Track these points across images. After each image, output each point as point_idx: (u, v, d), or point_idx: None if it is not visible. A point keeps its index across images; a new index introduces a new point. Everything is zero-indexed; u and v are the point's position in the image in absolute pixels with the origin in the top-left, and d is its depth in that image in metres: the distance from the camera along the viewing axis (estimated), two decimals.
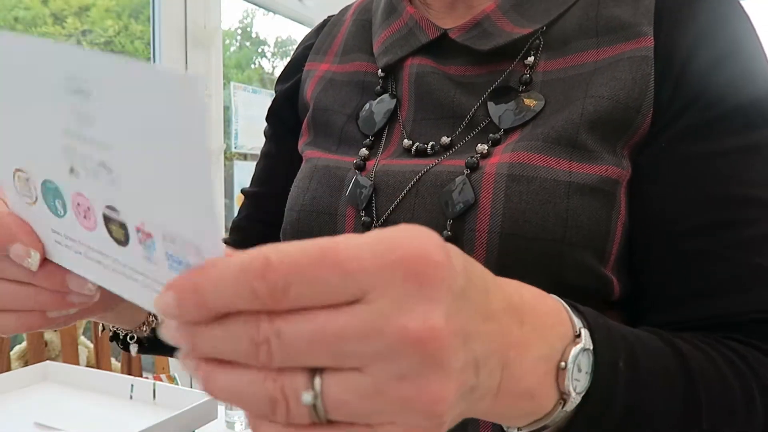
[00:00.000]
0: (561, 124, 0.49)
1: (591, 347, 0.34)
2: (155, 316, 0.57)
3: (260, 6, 1.98)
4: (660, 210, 0.49)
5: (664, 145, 0.49)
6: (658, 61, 0.49)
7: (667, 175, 0.48)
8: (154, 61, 1.64)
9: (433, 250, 0.24)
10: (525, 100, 0.52)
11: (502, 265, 0.47)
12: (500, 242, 0.47)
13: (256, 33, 2.30)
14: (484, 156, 0.50)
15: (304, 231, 0.57)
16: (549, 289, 0.47)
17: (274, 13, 2.04)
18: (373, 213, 0.52)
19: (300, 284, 0.23)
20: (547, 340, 0.31)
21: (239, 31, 2.23)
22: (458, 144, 0.53)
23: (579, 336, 0.33)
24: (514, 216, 0.46)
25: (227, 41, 2.07)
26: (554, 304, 0.34)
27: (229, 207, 1.83)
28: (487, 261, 0.47)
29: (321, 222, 0.56)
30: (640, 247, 0.50)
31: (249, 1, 1.90)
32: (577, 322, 0.34)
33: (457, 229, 0.48)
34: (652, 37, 0.49)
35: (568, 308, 0.35)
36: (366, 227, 0.52)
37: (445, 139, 0.53)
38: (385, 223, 0.52)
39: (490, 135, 0.52)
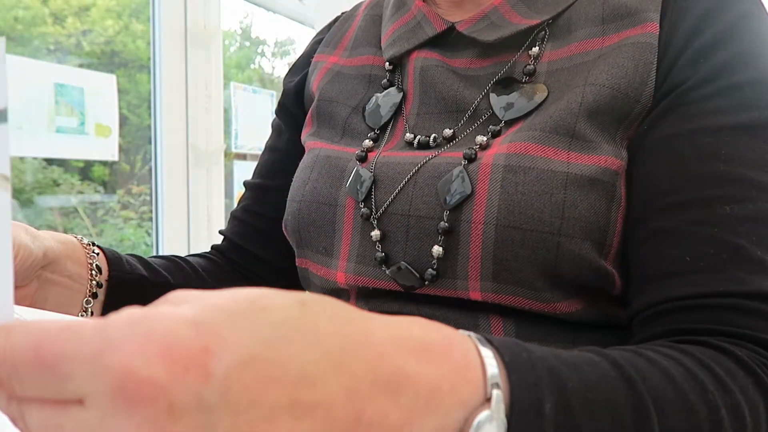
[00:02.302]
0: (559, 113, 0.48)
1: (502, 414, 0.27)
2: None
3: (260, 6, 1.98)
4: (641, 190, 0.47)
5: (647, 127, 0.47)
6: (661, 50, 0.47)
7: (650, 154, 0.47)
8: (154, 61, 1.64)
9: (145, 362, 0.21)
10: (527, 91, 0.51)
11: (498, 257, 0.46)
12: (496, 233, 0.46)
13: (256, 33, 2.31)
14: (483, 147, 0.50)
15: (305, 222, 0.57)
16: (546, 283, 0.47)
17: (274, 12, 2.04)
18: (372, 204, 0.52)
19: (21, 380, 0.22)
20: (438, 411, 0.25)
21: (239, 31, 2.23)
22: (460, 136, 0.53)
23: (490, 399, 0.27)
24: (510, 207, 0.46)
25: (227, 41, 2.07)
26: (459, 360, 0.27)
27: (228, 207, 1.83)
28: (483, 252, 0.47)
29: (321, 212, 0.56)
30: (627, 229, 0.48)
31: (249, 1, 1.91)
32: (492, 377, 0.27)
33: (453, 220, 0.48)
34: (658, 24, 0.48)
35: (483, 355, 0.28)
36: (365, 219, 0.53)
37: (447, 131, 0.53)
38: (384, 215, 0.52)
39: (490, 126, 0.51)
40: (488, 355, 0.28)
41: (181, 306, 0.23)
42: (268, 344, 0.22)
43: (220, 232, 0.73)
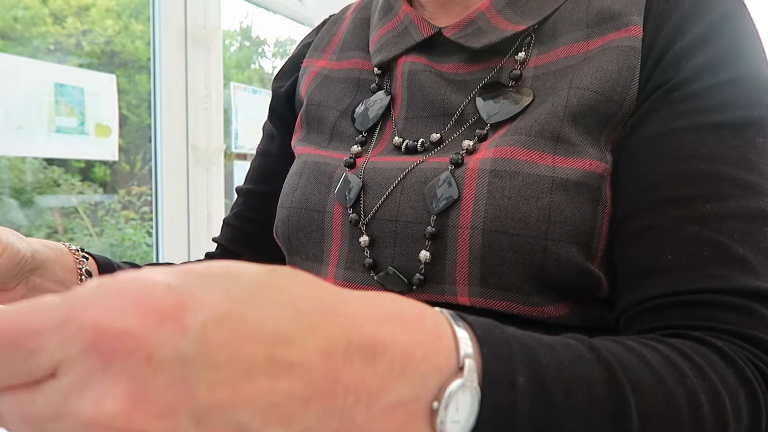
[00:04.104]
0: (545, 117, 0.48)
1: (475, 383, 0.27)
2: None
3: (260, 6, 1.98)
4: (624, 189, 0.47)
5: (630, 129, 0.47)
6: (645, 53, 0.47)
7: (633, 153, 0.46)
8: (154, 61, 1.64)
9: (118, 315, 0.20)
10: (513, 95, 0.51)
11: (485, 262, 0.46)
12: (483, 238, 0.46)
13: (256, 33, 2.31)
14: (470, 152, 0.50)
15: (294, 228, 0.57)
16: (534, 287, 0.47)
17: (274, 13, 2.04)
18: (360, 210, 0.52)
19: None
20: (413, 378, 0.25)
21: (239, 31, 2.23)
22: (447, 140, 0.53)
23: (463, 369, 0.27)
24: (496, 212, 0.46)
25: (227, 41, 2.07)
26: (431, 330, 0.27)
27: (228, 207, 1.83)
28: (470, 257, 0.47)
29: (310, 219, 0.56)
30: (612, 229, 0.48)
31: (249, 1, 1.91)
32: (464, 348, 0.27)
33: (440, 224, 0.48)
34: (641, 27, 0.48)
35: (456, 329, 0.28)
36: (353, 224, 0.53)
37: (434, 136, 0.53)
38: (372, 220, 0.52)
39: (477, 131, 0.51)
40: (460, 330, 0.28)
41: (152, 273, 0.22)
42: (242, 302, 0.22)
43: (214, 240, 0.73)
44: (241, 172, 1.92)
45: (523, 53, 0.53)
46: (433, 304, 0.50)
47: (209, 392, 0.20)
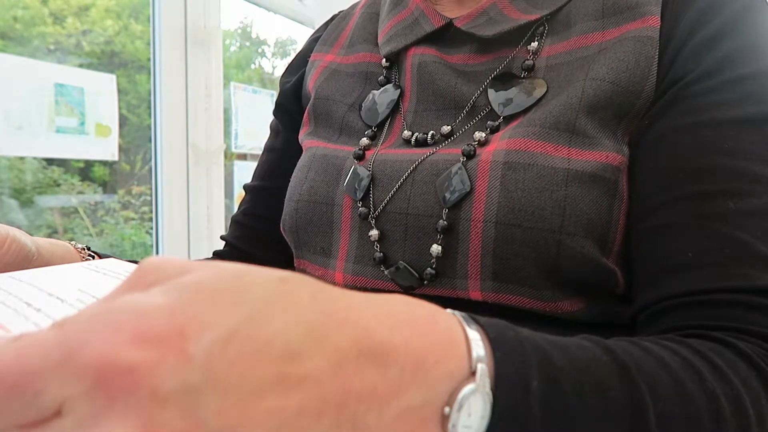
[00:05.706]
0: (560, 108, 0.47)
1: (487, 388, 0.26)
2: None
3: (260, 6, 1.97)
4: (642, 185, 0.46)
5: (648, 121, 0.46)
6: (663, 44, 0.46)
7: (652, 148, 0.46)
8: (154, 61, 1.64)
9: (118, 350, 0.20)
10: (526, 86, 0.50)
11: (498, 255, 0.46)
12: (496, 231, 0.45)
13: (256, 33, 2.30)
14: (482, 144, 0.49)
15: (303, 221, 0.56)
16: (547, 281, 0.46)
17: (275, 13, 2.04)
18: (370, 203, 0.52)
19: None
20: (424, 384, 0.25)
21: (239, 31, 2.23)
22: (458, 132, 0.52)
23: (475, 373, 0.26)
24: (510, 204, 0.45)
25: (227, 41, 2.07)
26: (443, 333, 0.26)
27: (229, 207, 1.83)
28: (483, 251, 0.46)
29: (319, 212, 0.55)
30: (629, 225, 0.47)
31: (249, 1, 1.90)
32: (477, 351, 0.27)
33: (452, 218, 0.47)
34: (659, 17, 0.47)
35: (468, 332, 0.27)
36: (363, 218, 0.52)
37: (445, 128, 0.52)
38: (382, 213, 0.51)
39: (489, 122, 0.50)
40: (473, 332, 0.27)
41: (152, 290, 0.22)
42: (249, 321, 0.21)
43: (222, 238, 0.72)
44: (241, 172, 1.92)
45: (536, 43, 0.52)
46: (444, 299, 0.50)
47: (219, 418, 0.20)
